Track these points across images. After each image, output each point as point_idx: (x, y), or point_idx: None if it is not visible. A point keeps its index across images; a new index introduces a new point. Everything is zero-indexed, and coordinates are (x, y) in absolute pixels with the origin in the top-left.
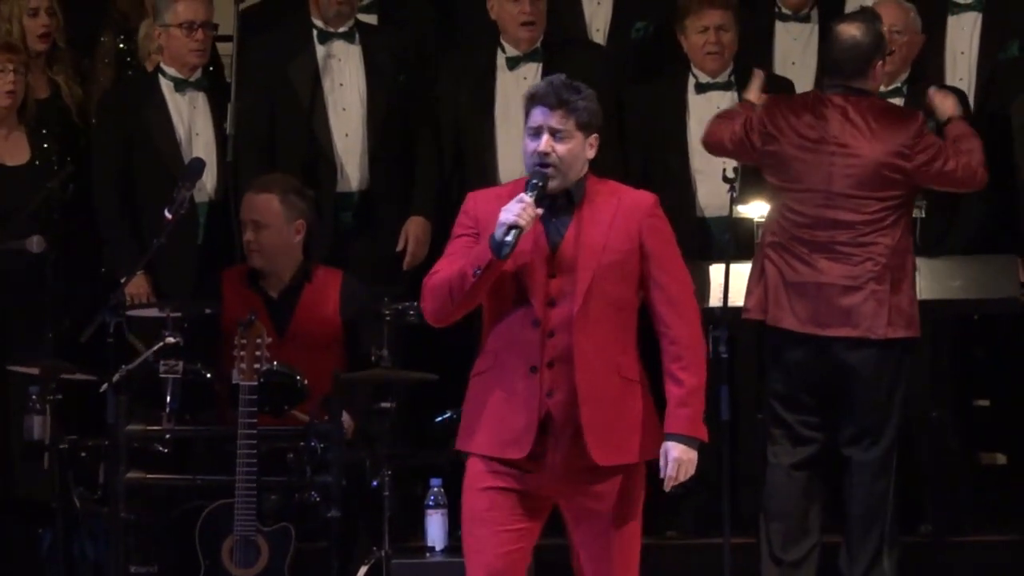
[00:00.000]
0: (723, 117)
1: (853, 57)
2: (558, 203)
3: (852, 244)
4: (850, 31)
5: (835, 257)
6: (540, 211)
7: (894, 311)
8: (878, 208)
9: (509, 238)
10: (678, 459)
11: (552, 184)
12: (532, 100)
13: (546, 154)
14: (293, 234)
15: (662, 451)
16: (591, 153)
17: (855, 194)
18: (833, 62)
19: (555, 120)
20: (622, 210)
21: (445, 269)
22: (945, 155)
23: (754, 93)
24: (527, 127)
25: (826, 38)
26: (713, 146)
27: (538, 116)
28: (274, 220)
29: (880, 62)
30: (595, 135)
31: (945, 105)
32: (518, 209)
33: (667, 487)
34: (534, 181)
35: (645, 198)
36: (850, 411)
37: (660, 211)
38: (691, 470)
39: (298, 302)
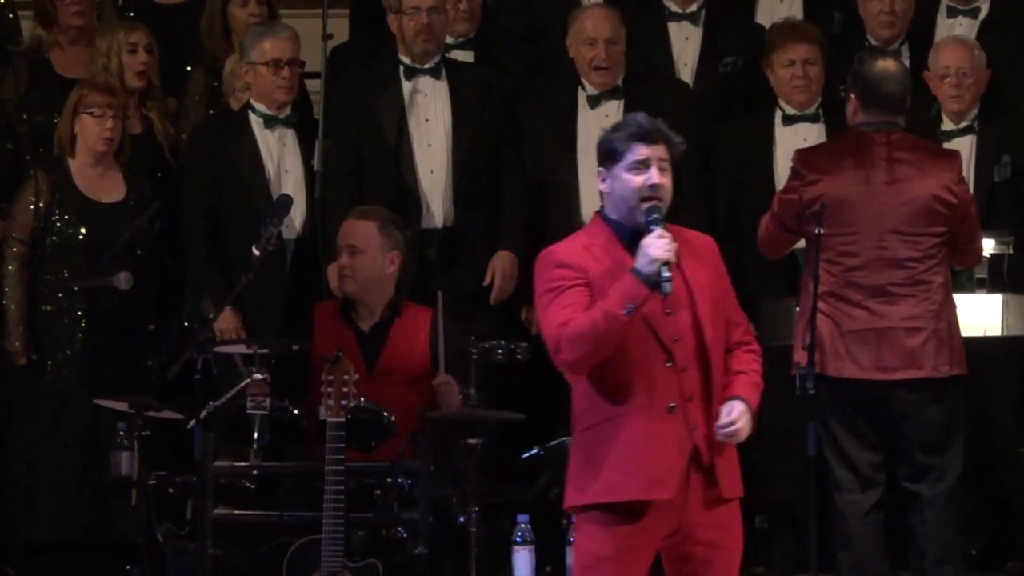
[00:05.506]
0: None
1: (902, 92)
2: None
3: (909, 283)
4: (896, 66)
5: (892, 299)
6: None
7: (952, 349)
8: (931, 245)
9: (667, 273)
10: (744, 413)
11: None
12: (633, 137)
13: (659, 186)
14: (388, 264)
15: (727, 405)
16: None
17: (908, 230)
18: (885, 96)
19: (661, 152)
20: (703, 250)
21: (581, 316)
22: (975, 207)
23: None
24: (629, 162)
25: (866, 73)
26: (761, 241)
27: (644, 149)
28: (370, 247)
29: None
30: None
31: None
32: (664, 244)
33: (722, 433)
34: (655, 216)
35: (711, 240)
36: (909, 450)
37: None
38: (744, 436)
39: (388, 336)
